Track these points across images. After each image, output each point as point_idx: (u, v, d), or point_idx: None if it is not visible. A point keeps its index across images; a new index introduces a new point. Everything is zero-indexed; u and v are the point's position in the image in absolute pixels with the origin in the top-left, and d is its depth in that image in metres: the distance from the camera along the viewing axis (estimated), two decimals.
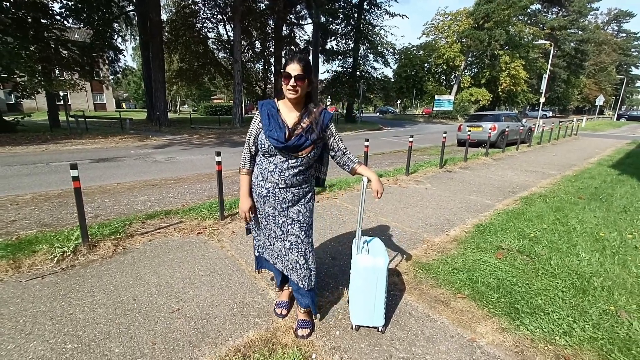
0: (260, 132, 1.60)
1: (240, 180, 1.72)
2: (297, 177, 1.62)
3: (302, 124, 1.58)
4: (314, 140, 1.58)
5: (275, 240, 1.75)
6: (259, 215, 1.75)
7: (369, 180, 1.67)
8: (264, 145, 1.56)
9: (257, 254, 1.96)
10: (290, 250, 1.70)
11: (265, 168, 1.61)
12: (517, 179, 6.10)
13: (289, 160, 1.58)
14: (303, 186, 1.67)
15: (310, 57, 21.96)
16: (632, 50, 58.14)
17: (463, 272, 2.49)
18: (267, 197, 1.64)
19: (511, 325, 1.90)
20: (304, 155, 1.59)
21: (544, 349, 1.73)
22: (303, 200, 1.69)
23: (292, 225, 1.68)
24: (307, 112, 1.61)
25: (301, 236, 1.69)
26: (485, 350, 1.72)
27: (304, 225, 1.70)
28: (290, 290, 2.02)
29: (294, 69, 1.48)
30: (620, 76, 48.41)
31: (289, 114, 1.61)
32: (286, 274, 1.80)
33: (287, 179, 1.59)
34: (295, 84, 1.49)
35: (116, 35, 16.46)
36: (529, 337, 1.81)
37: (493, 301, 2.13)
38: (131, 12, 17.89)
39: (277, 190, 1.62)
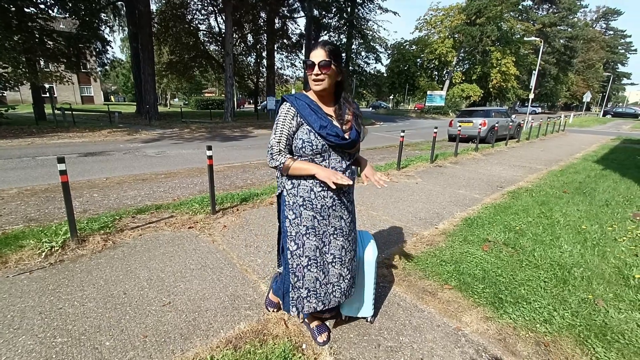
0: (296, 131, 1.39)
1: (299, 166, 1.37)
2: (353, 175, 1.50)
3: (346, 115, 1.44)
4: (362, 131, 1.48)
5: (335, 262, 1.51)
6: (310, 242, 1.46)
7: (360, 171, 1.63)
8: (316, 145, 1.35)
9: (298, 307, 1.54)
10: (350, 255, 1.57)
11: None
12: (505, 174, 6.23)
13: (344, 159, 1.43)
14: (354, 182, 1.54)
15: (303, 51, 21.83)
16: (619, 47, 59.33)
17: (450, 264, 2.56)
18: (334, 208, 1.45)
19: (495, 314, 1.97)
20: (357, 150, 1.48)
21: (525, 336, 1.80)
22: (353, 195, 1.61)
23: (351, 228, 1.57)
24: (343, 103, 1.45)
25: (353, 234, 1.60)
26: (469, 338, 1.78)
27: (355, 221, 1.63)
28: None
29: (317, 55, 1.30)
30: (607, 73, 49.39)
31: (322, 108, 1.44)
32: (343, 301, 1.57)
33: (349, 178, 1.43)
34: (319, 72, 1.31)
35: (103, 26, 16.05)
36: (512, 325, 1.88)
37: (478, 291, 2.20)
38: (119, 2, 17.44)
39: (342, 195, 1.46)
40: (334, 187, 1.32)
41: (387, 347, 1.71)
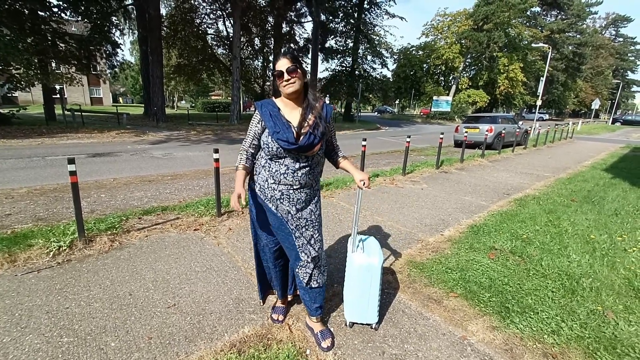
0: (262, 133, 1.55)
1: (236, 175, 1.58)
2: (309, 176, 1.59)
3: (307, 120, 1.53)
4: (322, 134, 1.54)
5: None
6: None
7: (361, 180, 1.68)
8: (272, 148, 1.49)
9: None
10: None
11: (277, 171, 1.54)
12: (512, 181, 6.17)
13: (300, 161, 1.54)
14: (314, 185, 1.65)
15: (310, 55, 21.96)
16: (629, 54, 58.68)
17: (456, 272, 2.53)
18: (281, 200, 1.58)
19: (501, 324, 1.94)
20: (314, 153, 1.55)
21: (532, 347, 1.77)
22: (314, 199, 1.67)
23: (306, 227, 1.64)
24: (309, 107, 1.56)
25: (314, 235, 1.67)
26: (475, 347, 1.76)
27: (316, 224, 1.68)
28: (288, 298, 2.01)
29: (283, 64, 1.46)
30: (617, 80, 48.84)
31: (291, 112, 1.55)
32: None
33: (300, 179, 1.55)
34: (289, 77, 1.46)
35: (114, 29, 16.29)
36: (518, 336, 1.85)
37: (484, 300, 2.17)
38: (130, 6, 17.74)
39: (291, 191, 1.56)
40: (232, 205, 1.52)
41: (392, 354, 1.70)
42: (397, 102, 47.58)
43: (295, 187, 1.56)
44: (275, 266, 1.81)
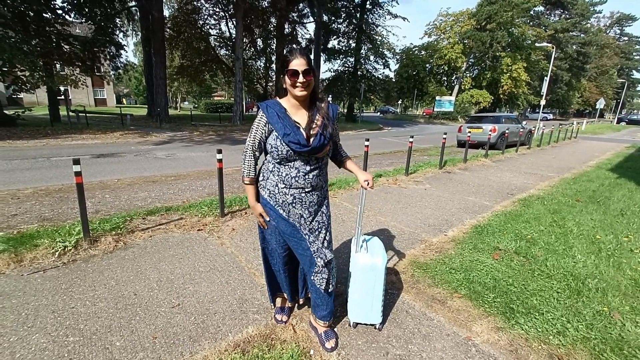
0: (268, 136, 1.49)
1: (247, 190, 1.61)
2: (319, 178, 1.56)
3: (315, 121, 1.50)
4: (331, 135, 1.52)
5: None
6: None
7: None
8: (281, 151, 1.44)
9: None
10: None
11: (287, 174, 1.49)
12: (516, 181, 6.13)
13: (310, 163, 1.50)
14: (324, 186, 1.63)
15: (312, 56, 21.98)
16: (634, 54, 58.15)
17: (460, 272, 2.52)
18: (293, 204, 1.53)
19: (506, 325, 1.93)
20: (324, 155, 1.53)
21: (537, 348, 1.76)
22: (325, 200, 1.65)
23: (319, 229, 1.61)
24: (316, 107, 1.52)
25: (326, 237, 1.64)
26: (480, 348, 1.75)
27: (328, 225, 1.65)
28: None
29: (300, 64, 1.38)
30: (622, 80, 48.44)
31: (297, 113, 1.50)
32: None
33: (312, 181, 1.52)
34: (304, 80, 1.39)
35: (118, 31, 16.40)
36: (524, 337, 1.84)
37: (489, 301, 2.16)
38: (133, 8, 17.87)
39: (303, 195, 1.53)
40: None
41: (396, 355, 1.69)
42: (399, 102, 47.47)
43: (307, 189, 1.53)
44: (285, 271, 1.77)
